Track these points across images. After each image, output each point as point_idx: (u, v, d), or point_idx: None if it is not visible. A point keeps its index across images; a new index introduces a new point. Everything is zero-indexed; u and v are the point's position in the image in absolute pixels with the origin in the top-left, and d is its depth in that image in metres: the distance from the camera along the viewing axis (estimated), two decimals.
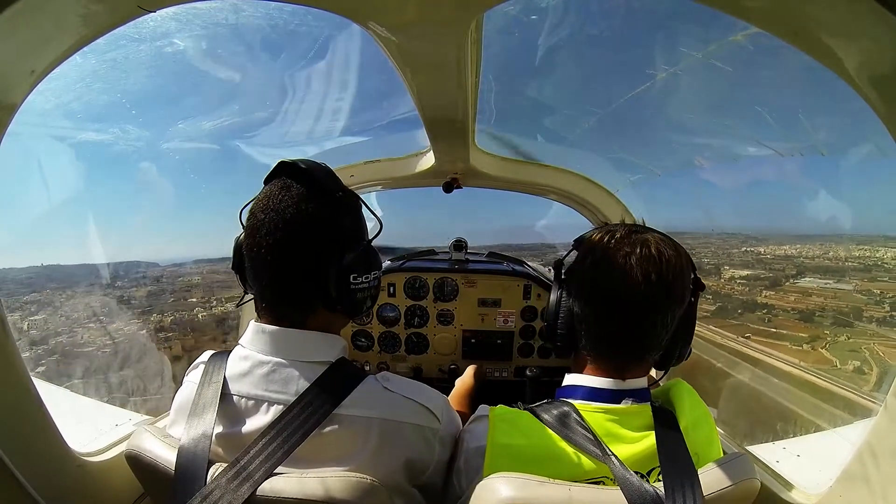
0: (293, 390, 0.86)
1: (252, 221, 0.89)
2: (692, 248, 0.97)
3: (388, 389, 0.91)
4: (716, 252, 5.71)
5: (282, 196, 0.87)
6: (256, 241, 0.87)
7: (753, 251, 6.03)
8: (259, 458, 0.79)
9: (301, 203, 0.87)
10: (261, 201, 0.89)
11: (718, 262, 5.93)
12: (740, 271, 5.83)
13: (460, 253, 2.52)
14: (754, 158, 2.06)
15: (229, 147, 2.48)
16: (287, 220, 0.85)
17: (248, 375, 0.89)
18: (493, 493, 0.79)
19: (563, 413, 0.92)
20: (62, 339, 3.65)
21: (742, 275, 5.91)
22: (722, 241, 5.80)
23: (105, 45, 0.93)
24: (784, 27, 0.80)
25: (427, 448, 0.93)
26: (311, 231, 0.87)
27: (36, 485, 0.95)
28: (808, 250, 5.65)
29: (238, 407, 0.88)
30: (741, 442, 1.56)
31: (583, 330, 0.99)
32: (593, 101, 1.92)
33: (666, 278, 0.89)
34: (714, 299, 5.51)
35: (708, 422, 1.00)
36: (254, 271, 0.91)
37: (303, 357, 0.90)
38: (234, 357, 0.93)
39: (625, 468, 0.80)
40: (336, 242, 0.89)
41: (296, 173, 0.90)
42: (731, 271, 5.78)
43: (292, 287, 0.90)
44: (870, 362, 3.91)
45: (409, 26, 0.91)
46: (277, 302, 0.92)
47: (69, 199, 3.02)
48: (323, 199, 0.89)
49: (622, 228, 0.99)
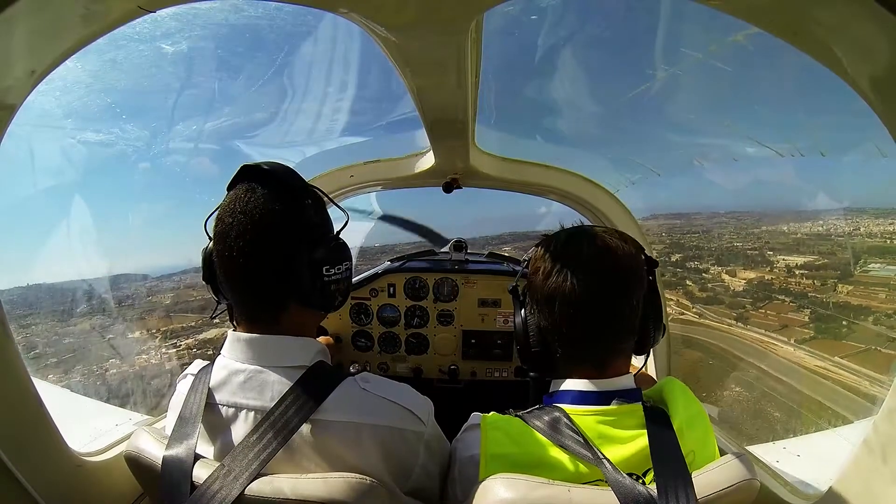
0: (269, 396, 0.87)
1: (220, 227, 0.89)
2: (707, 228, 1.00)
3: (368, 391, 0.90)
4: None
5: (248, 198, 0.88)
6: (227, 246, 0.87)
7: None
8: (238, 466, 0.80)
9: (268, 203, 0.87)
10: (227, 206, 0.89)
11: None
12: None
13: (460, 253, 2.51)
14: (754, 158, 2.07)
15: (229, 147, 2.48)
16: (256, 221, 0.86)
17: (227, 384, 0.91)
18: (493, 495, 0.79)
19: (553, 419, 0.91)
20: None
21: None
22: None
23: (105, 45, 0.93)
24: (784, 27, 0.80)
25: (409, 451, 0.92)
26: (281, 229, 0.88)
27: (36, 485, 0.95)
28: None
29: (221, 415, 0.90)
30: (741, 442, 1.56)
31: (555, 340, 0.98)
32: (593, 101, 1.92)
33: (619, 266, 0.92)
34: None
35: (703, 420, 0.99)
36: (226, 276, 0.91)
37: (278, 362, 0.90)
38: (216, 366, 0.94)
39: (617, 471, 0.80)
40: (306, 238, 0.90)
41: (259, 175, 0.91)
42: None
43: (265, 286, 0.90)
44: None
45: (409, 26, 0.91)
46: (251, 303, 0.93)
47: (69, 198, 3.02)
48: (289, 197, 0.90)
49: (563, 232, 1.02)
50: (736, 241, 9.93)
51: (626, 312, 0.93)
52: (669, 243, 9.95)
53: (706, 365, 6.89)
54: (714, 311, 9.10)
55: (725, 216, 10.39)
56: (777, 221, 10.04)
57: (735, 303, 9.20)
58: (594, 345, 0.96)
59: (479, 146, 1.87)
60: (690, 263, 9.87)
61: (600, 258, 0.93)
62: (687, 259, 9.87)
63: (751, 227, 10.09)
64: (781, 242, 9.49)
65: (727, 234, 10.04)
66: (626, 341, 0.98)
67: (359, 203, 2.91)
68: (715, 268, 9.75)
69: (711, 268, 9.75)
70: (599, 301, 0.92)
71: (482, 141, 1.85)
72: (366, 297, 2.40)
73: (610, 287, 0.92)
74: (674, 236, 10.07)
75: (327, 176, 2.14)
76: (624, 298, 0.93)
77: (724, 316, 8.96)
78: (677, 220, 10.15)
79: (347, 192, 2.31)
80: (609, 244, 0.94)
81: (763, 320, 8.53)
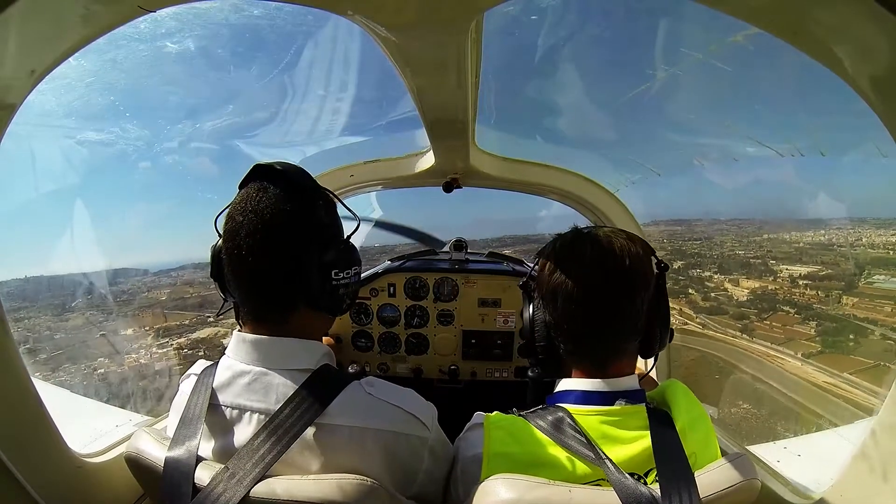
0: (273, 399, 0.86)
1: (230, 225, 0.89)
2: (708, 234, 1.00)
3: (374, 396, 0.90)
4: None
5: (259, 198, 0.87)
6: (236, 244, 0.87)
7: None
8: (242, 469, 0.79)
9: (279, 203, 0.87)
10: (238, 204, 0.89)
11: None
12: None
13: (460, 253, 2.51)
14: (754, 158, 2.07)
15: (229, 147, 2.48)
16: (266, 221, 0.86)
17: (231, 385, 0.90)
18: (493, 496, 0.79)
19: (557, 419, 0.92)
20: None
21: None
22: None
23: (105, 45, 0.93)
24: (784, 27, 0.80)
25: (414, 457, 0.92)
26: (291, 230, 0.87)
27: (36, 486, 0.95)
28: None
29: (225, 417, 0.89)
30: (741, 442, 1.56)
31: (559, 336, 0.99)
32: (593, 100, 1.92)
33: (622, 265, 0.92)
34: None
35: (705, 422, 1.00)
36: (234, 274, 0.90)
37: (283, 365, 0.89)
38: (220, 367, 0.94)
39: (619, 471, 0.80)
40: (316, 240, 0.90)
41: (272, 175, 0.91)
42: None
43: (274, 286, 0.89)
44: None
45: (409, 26, 0.91)
46: (259, 303, 0.92)
47: (68, 197, 3.02)
48: (300, 198, 0.90)
49: (572, 232, 1.03)
50: (738, 249, 9.89)
51: (629, 312, 0.94)
52: (671, 250, 9.91)
53: (712, 379, 6.76)
54: (718, 321, 9.00)
55: (727, 223, 10.36)
56: (778, 229, 9.98)
57: (739, 313, 9.11)
58: (594, 342, 0.96)
59: (479, 146, 1.87)
60: (693, 272, 9.81)
61: (603, 257, 0.93)
62: (689, 266, 9.82)
63: (752, 235, 10.05)
64: (783, 251, 9.43)
65: (728, 242, 10.01)
66: (629, 341, 0.98)
67: (359, 203, 2.91)
68: (718, 276, 9.70)
69: (714, 276, 9.70)
70: (600, 299, 0.93)
71: (482, 141, 1.85)
72: (366, 297, 2.40)
73: (612, 286, 0.92)
74: (675, 243, 10.03)
75: (327, 175, 2.14)
76: (626, 298, 0.93)
77: (729, 327, 8.84)
78: (678, 227, 10.13)
79: (347, 191, 2.31)
80: (614, 244, 0.95)
81: (768, 332, 8.43)
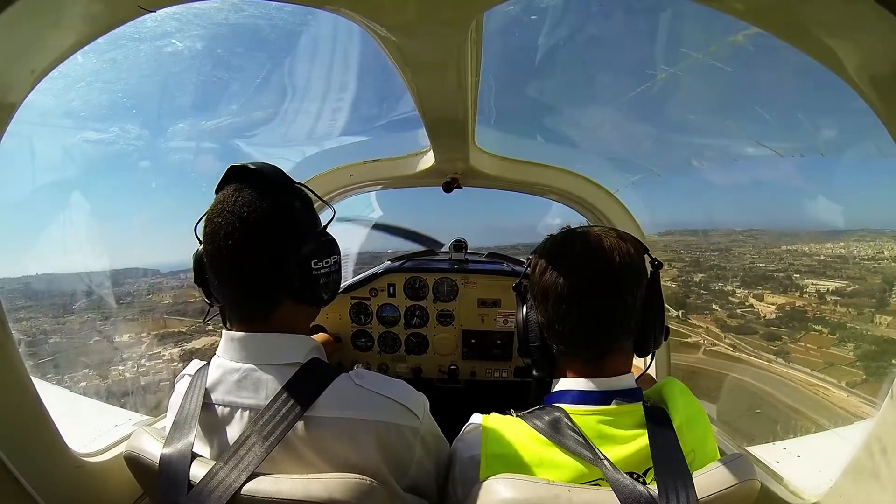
0: (263, 395, 0.87)
1: (209, 228, 0.90)
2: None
3: (363, 387, 0.91)
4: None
5: (236, 198, 0.89)
6: (216, 245, 0.88)
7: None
8: (232, 465, 0.80)
9: (255, 201, 0.88)
10: (215, 208, 0.91)
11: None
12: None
13: (460, 253, 2.52)
14: (754, 158, 2.07)
15: (229, 147, 2.48)
16: (244, 219, 0.87)
17: (222, 383, 0.91)
18: (493, 495, 0.79)
19: (554, 419, 0.92)
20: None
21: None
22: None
23: (105, 45, 0.93)
24: (784, 27, 0.80)
25: (405, 446, 0.93)
26: (268, 226, 0.89)
27: (36, 485, 0.95)
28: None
29: (217, 415, 0.90)
30: (741, 442, 1.56)
31: (551, 336, 0.99)
32: (593, 101, 1.92)
33: (613, 264, 0.92)
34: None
35: (703, 419, 1.00)
36: (217, 275, 0.92)
37: (271, 360, 0.91)
38: (212, 366, 0.95)
39: (617, 470, 0.80)
40: (293, 233, 0.91)
41: (246, 175, 0.92)
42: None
43: (256, 283, 0.90)
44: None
45: (409, 26, 0.91)
46: (243, 302, 0.94)
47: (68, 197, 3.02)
48: (275, 195, 0.91)
49: (563, 232, 1.03)
50: (759, 262, 9.61)
51: (620, 311, 0.93)
52: (689, 261, 9.61)
53: (753, 415, 6.23)
54: (748, 342, 8.43)
55: (742, 234, 10.14)
56: (796, 240, 9.65)
57: (769, 333, 8.56)
58: (586, 342, 0.96)
59: (479, 146, 1.87)
60: (715, 285, 9.45)
61: (593, 256, 0.94)
62: (711, 279, 9.46)
63: (771, 246, 9.81)
64: (806, 264, 9.02)
65: (747, 253, 9.79)
66: (622, 340, 0.97)
67: (359, 203, 2.91)
68: (741, 290, 9.38)
69: (738, 290, 9.37)
70: (590, 298, 0.93)
71: (482, 141, 1.85)
72: (365, 297, 2.40)
73: (602, 285, 0.92)
74: (693, 253, 9.76)
75: (327, 175, 2.14)
76: (617, 297, 0.93)
77: (761, 349, 8.27)
78: (693, 237, 9.93)
79: (347, 191, 2.32)
80: (604, 243, 0.94)
81: (805, 356, 7.92)
